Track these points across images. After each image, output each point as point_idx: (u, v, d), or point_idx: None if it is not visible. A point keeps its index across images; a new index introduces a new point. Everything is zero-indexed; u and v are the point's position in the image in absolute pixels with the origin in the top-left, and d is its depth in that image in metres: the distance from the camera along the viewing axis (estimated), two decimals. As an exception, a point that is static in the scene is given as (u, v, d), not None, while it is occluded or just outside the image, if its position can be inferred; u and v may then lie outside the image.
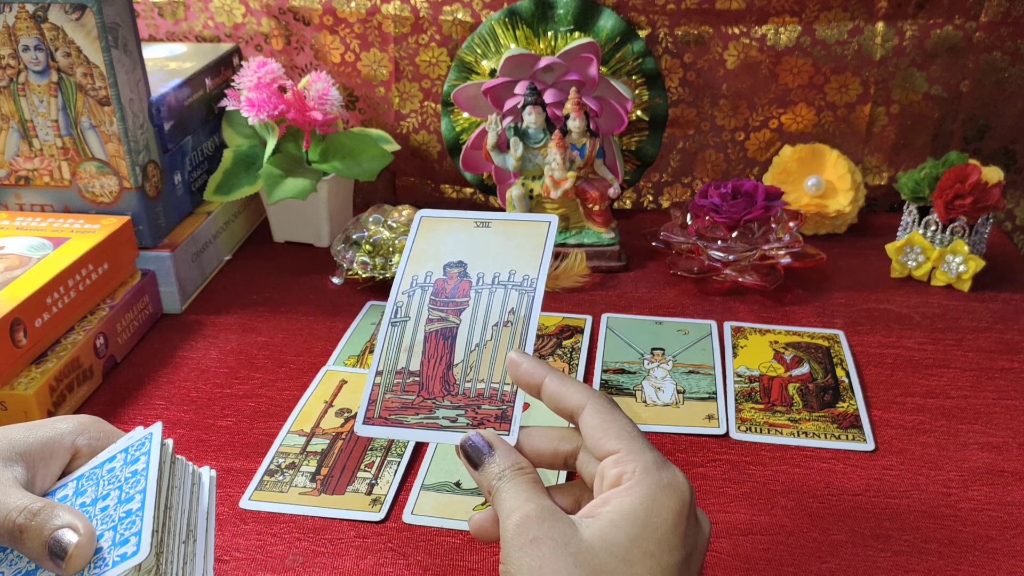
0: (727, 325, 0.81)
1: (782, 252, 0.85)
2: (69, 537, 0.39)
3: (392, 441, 0.66)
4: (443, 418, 0.49)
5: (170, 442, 0.45)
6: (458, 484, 0.62)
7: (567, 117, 0.88)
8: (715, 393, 0.72)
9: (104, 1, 0.75)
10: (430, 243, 0.54)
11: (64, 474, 0.45)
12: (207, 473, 0.46)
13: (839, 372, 0.74)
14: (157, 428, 0.45)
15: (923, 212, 0.88)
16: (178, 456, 0.45)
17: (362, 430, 0.49)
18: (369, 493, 0.62)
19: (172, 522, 0.42)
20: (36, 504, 0.40)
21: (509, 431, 0.47)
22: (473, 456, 0.45)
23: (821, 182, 0.96)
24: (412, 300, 0.52)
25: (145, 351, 0.79)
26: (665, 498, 0.40)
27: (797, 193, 0.96)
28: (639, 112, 0.99)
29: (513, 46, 0.95)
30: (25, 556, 0.41)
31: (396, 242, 0.86)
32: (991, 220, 0.86)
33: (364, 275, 0.86)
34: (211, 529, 0.44)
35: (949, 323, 0.81)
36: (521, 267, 0.52)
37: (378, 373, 0.51)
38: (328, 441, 0.67)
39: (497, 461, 0.44)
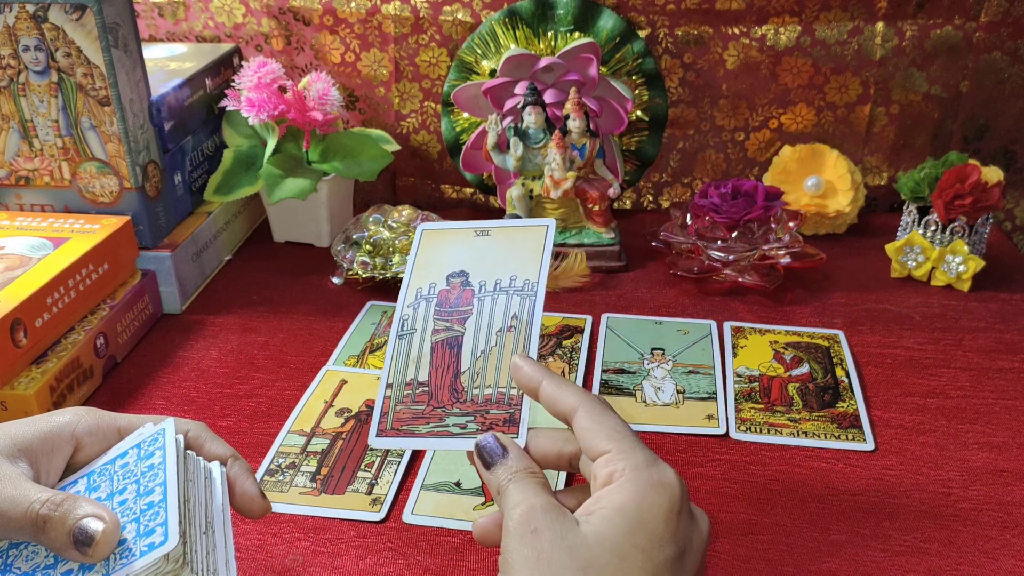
0: (727, 325, 0.81)
1: (782, 252, 0.85)
2: (95, 525, 0.40)
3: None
4: (453, 425, 0.49)
5: (182, 437, 0.45)
6: (458, 484, 0.62)
7: (567, 117, 0.88)
8: (715, 393, 0.72)
9: (104, 1, 0.75)
10: (432, 256, 0.55)
11: (69, 467, 0.45)
12: (217, 468, 0.46)
13: (839, 372, 0.74)
14: (169, 423, 0.45)
15: (923, 212, 0.88)
16: (189, 451, 0.45)
17: (376, 442, 0.50)
18: (369, 493, 0.62)
19: (192, 514, 0.43)
20: (58, 496, 0.41)
21: (518, 434, 0.48)
22: (486, 457, 0.46)
23: (821, 182, 0.96)
24: (417, 312, 0.53)
25: (145, 351, 0.79)
26: (655, 495, 0.41)
27: (797, 193, 0.96)
28: (639, 112, 0.99)
29: (513, 46, 0.95)
30: (47, 547, 0.41)
31: (396, 242, 0.86)
32: (991, 220, 0.87)
33: (364, 275, 0.86)
34: (228, 521, 0.45)
35: (949, 323, 0.81)
36: (521, 272, 0.53)
37: (388, 386, 0.52)
38: (328, 441, 0.67)
39: (509, 464, 0.45)
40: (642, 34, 0.96)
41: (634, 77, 0.97)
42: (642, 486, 0.41)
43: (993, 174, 0.90)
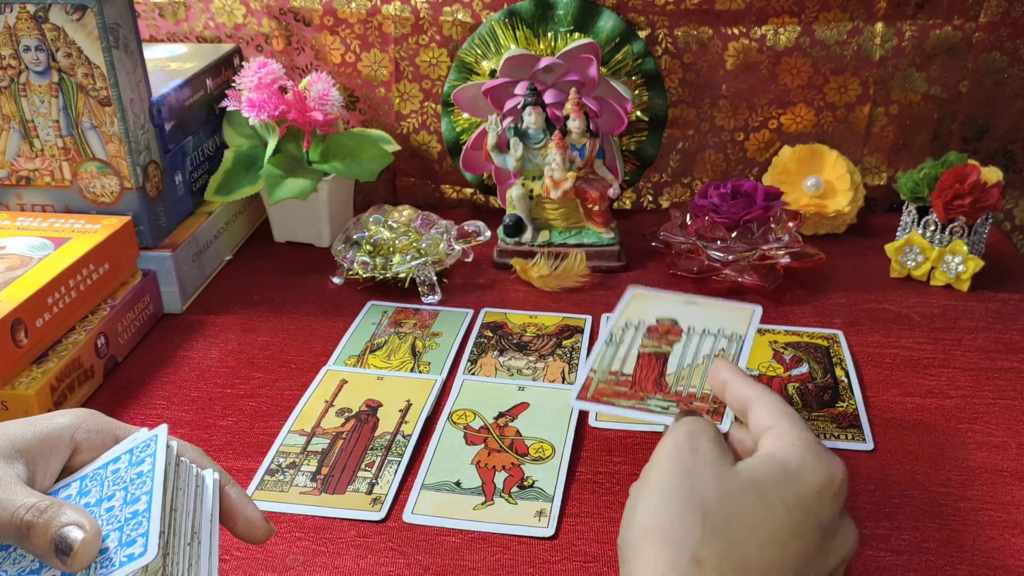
0: (727, 325, 0.81)
1: (781, 252, 0.85)
2: (75, 534, 0.39)
3: (392, 440, 0.67)
4: (655, 406, 0.53)
5: (175, 444, 0.45)
6: (458, 484, 0.62)
7: (567, 117, 0.88)
8: (715, 393, 0.72)
9: (105, 2, 0.75)
10: (640, 310, 0.61)
11: (65, 469, 0.45)
12: (210, 476, 0.46)
13: (838, 372, 0.74)
14: (162, 430, 0.45)
15: (922, 212, 0.88)
16: (182, 459, 0.45)
17: (575, 404, 0.55)
18: (369, 492, 0.62)
19: (177, 524, 0.42)
20: (44, 502, 0.41)
21: (722, 422, 0.51)
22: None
23: (820, 182, 0.96)
24: (626, 334, 0.59)
25: (146, 351, 0.79)
26: (817, 462, 0.42)
27: (796, 193, 0.97)
28: (639, 112, 0.99)
29: (513, 46, 0.95)
30: (30, 553, 0.41)
31: (396, 242, 0.87)
32: (990, 220, 0.87)
33: (364, 275, 0.86)
34: (215, 532, 0.44)
35: (948, 323, 0.81)
36: (729, 327, 0.59)
37: (592, 371, 0.57)
38: (328, 441, 0.67)
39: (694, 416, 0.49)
40: (642, 34, 0.97)
41: (634, 77, 0.97)
42: (808, 453, 0.42)
43: (992, 174, 0.90)
